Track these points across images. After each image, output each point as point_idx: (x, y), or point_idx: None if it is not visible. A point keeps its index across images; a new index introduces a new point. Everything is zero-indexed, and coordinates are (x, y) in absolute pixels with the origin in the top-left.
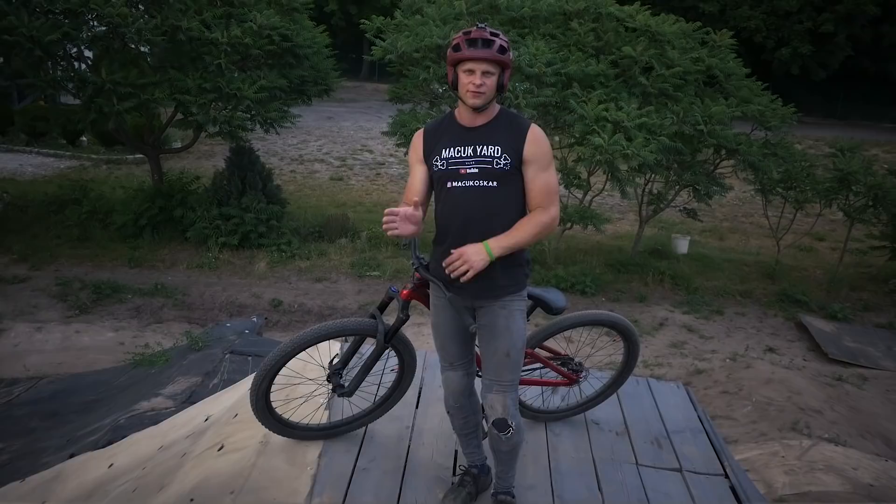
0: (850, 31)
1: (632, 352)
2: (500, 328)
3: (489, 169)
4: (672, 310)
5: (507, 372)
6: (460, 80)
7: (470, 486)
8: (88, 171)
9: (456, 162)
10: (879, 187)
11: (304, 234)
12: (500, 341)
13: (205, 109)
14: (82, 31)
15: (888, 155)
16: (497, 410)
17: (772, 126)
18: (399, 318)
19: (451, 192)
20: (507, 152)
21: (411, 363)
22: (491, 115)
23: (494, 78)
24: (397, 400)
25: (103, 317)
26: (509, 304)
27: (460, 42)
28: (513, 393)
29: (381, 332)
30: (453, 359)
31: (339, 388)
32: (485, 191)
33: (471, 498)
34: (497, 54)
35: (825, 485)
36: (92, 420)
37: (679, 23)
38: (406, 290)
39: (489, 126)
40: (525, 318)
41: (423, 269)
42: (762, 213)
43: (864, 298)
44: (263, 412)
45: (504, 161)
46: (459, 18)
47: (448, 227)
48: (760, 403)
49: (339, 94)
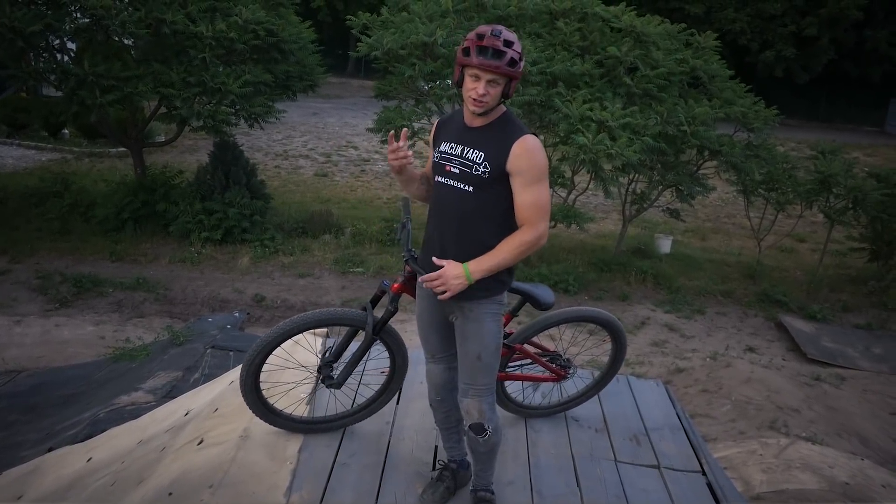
0: (834, 35)
1: (619, 349)
2: (470, 332)
3: (468, 173)
4: (654, 309)
5: (479, 376)
6: (465, 83)
7: (448, 480)
8: (70, 164)
9: (446, 157)
10: (859, 190)
11: (287, 230)
12: (470, 344)
13: (189, 103)
14: (65, 23)
15: (869, 158)
16: (473, 416)
17: (754, 128)
18: (388, 311)
19: (437, 185)
20: (488, 160)
21: (402, 360)
22: (490, 119)
23: (500, 88)
24: (388, 399)
25: (84, 310)
26: (477, 308)
27: (470, 47)
28: (488, 397)
29: (369, 324)
30: (435, 350)
31: (329, 380)
32: (461, 193)
33: (449, 493)
34: (506, 67)
35: (802, 483)
36: (71, 414)
37: (664, 24)
38: (397, 283)
39: (483, 130)
40: (498, 322)
41: (413, 262)
42: (744, 214)
43: (843, 299)
44: (251, 394)
45: (483, 169)
46: (445, 16)
47: (431, 218)
48: (739, 402)
49: (324, 90)
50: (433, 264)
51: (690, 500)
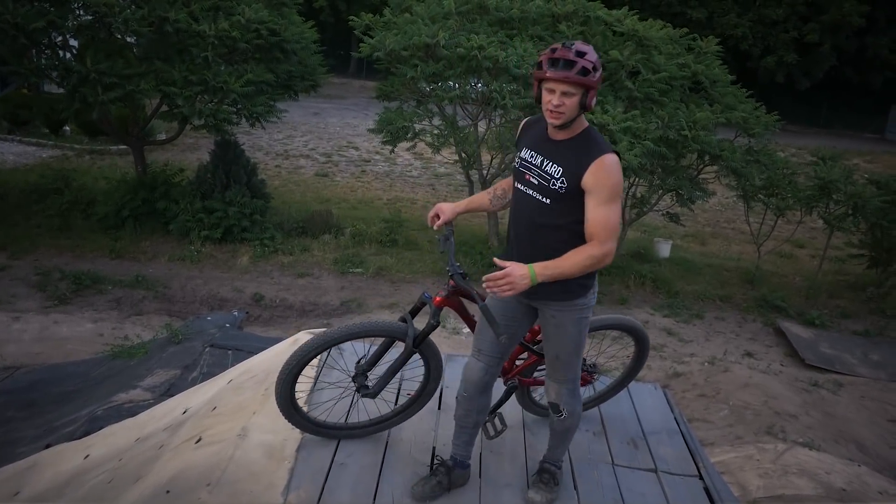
0: (835, 42)
1: (641, 357)
2: (550, 333)
3: (545, 186)
4: (653, 313)
5: (557, 371)
6: (543, 96)
7: (442, 476)
8: (71, 161)
9: (526, 166)
10: (859, 196)
11: (287, 230)
12: (550, 344)
13: (190, 102)
14: (68, 20)
15: (869, 164)
16: (550, 395)
17: (755, 133)
18: (430, 324)
19: (516, 192)
20: (566, 176)
21: (437, 372)
22: (572, 133)
23: (576, 98)
24: (421, 406)
25: (83, 308)
26: (559, 314)
27: (543, 60)
28: (568, 385)
29: (410, 337)
30: (481, 346)
31: (364, 389)
32: (538, 204)
33: (440, 488)
34: (577, 76)
35: (798, 488)
36: (69, 411)
37: (666, 28)
38: (439, 297)
39: (563, 144)
40: (579, 325)
41: (460, 278)
42: (744, 219)
43: (841, 306)
44: (287, 405)
45: (560, 183)
46: (448, 18)
47: (510, 223)
48: (737, 407)
49: (326, 90)
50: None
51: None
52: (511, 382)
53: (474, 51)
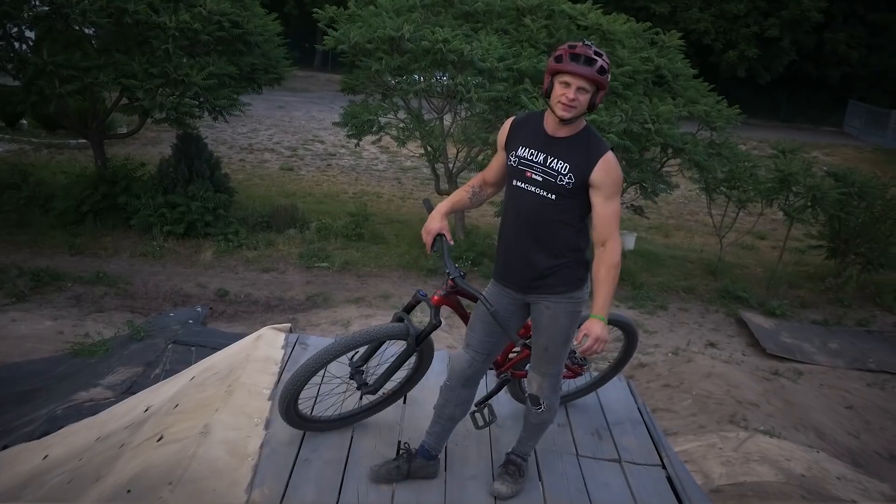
0: (795, 37)
1: (629, 350)
2: (543, 325)
3: (552, 182)
4: (617, 304)
5: (543, 363)
6: (555, 89)
7: (402, 461)
8: (28, 156)
9: (526, 164)
10: (818, 188)
11: (251, 224)
12: (541, 336)
13: (151, 95)
14: (23, 10)
15: (828, 157)
16: (532, 387)
17: (717, 126)
18: (431, 324)
19: (515, 189)
20: (573, 172)
21: (427, 364)
22: (574, 131)
23: (588, 96)
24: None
25: (41, 305)
26: (555, 306)
27: (563, 54)
28: (550, 379)
29: (412, 336)
30: (471, 341)
31: (364, 386)
32: (543, 200)
33: (398, 472)
34: (597, 74)
35: (760, 475)
36: (27, 411)
37: (630, 22)
38: (437, 296)
39: (568, 141)
40: (571, 319)
41: (460, 280)
42: (706, 212)
43: (801, 296)
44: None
45: (568, 180)
46: (413, 10)
47: (505, 220)
48: (700, 397)
49: (291, 84)
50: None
51: (650, 493)
52: (504, 375)
53: (439, 44)
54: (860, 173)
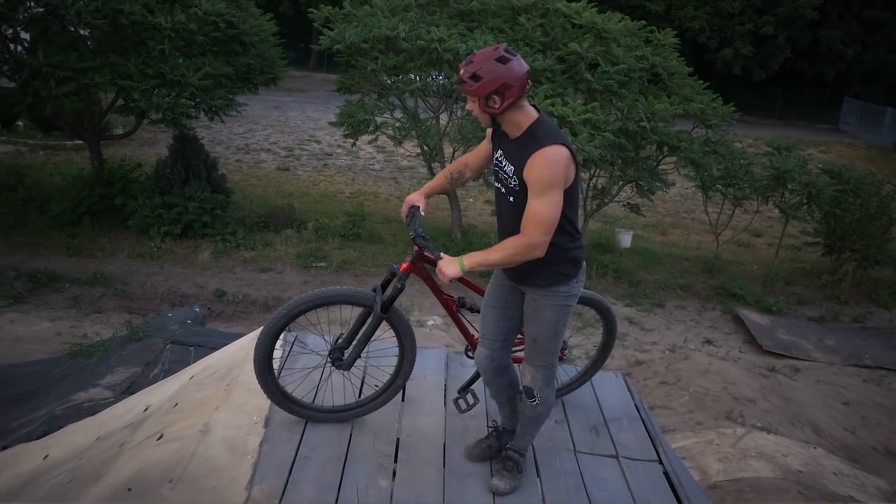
0: (790, 34)
1: (610, 329)
2: (530, 317)
3: (507, 184)
4: (615, 302)
5: (535, 355)
6: None
7: (493, 439)
8: (25, 157)
9: (496, 165)
10: (813, 185)
11: (249, 224)
12: (529, 328)
13: (147, 96)
14: (18, 12)
15: (823, 154)
16: (525, 379)
17: (712, 124)
18: (395, 288)
19: (494, 189)
20: (517, 174)
21: (409, 342)
22: (520, 131)
23: (475, 104)
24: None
25: (39, 306)
26: (539, 298)
27: None
28: (543, 371)
29: (377, 303)
30: (485, 331)
31: (339, 362)
32: (506, 201)
33: (490, 450)
34: (466, 88)
35: (757, 471)
36: (26, 412)
37: (625, 21)
38: (405, 264)
39: (515, 143)
40: (558, 312)
41: (422, 240)
42: (702, 209)
43: (797, 292)
44: (264, 373)
45: (514, 182)
46: (408, 10)
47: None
48: (697, 393)
49: (287, 84)
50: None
51: (647, 489)
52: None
53: (434, 43)
54: (855, 170)
